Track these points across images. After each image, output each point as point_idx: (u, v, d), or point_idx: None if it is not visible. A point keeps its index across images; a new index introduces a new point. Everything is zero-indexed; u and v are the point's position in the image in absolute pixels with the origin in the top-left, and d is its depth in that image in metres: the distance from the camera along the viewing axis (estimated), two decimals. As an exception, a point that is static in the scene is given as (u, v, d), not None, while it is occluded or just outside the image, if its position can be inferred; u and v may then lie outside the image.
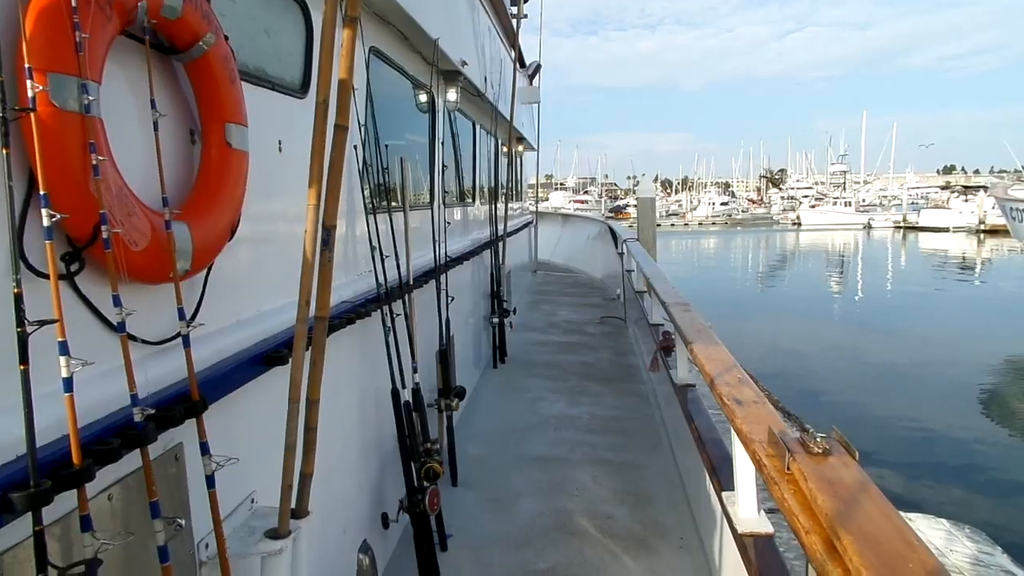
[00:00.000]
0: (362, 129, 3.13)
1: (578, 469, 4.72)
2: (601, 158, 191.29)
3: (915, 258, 39.32)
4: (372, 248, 3.10)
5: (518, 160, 11.96)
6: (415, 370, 3.55)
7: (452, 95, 5.23)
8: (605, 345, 8.16)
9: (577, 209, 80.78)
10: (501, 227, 7.51)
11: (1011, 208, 24.15)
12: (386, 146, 3.60)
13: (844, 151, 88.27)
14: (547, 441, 5.26)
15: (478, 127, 7.30)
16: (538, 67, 12.34)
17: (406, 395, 3.31)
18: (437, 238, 4.34)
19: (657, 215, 18.42)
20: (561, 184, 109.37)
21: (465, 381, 6.09)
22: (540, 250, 15.84)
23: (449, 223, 4.52)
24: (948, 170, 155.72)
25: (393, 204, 3.71)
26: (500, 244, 7.46)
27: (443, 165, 5.02)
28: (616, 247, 12.00)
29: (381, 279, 3.17)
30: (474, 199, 7.00)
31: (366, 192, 3.22)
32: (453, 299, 4.64)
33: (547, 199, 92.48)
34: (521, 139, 10.94)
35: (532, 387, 6.57)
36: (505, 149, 10.44)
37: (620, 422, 5.65)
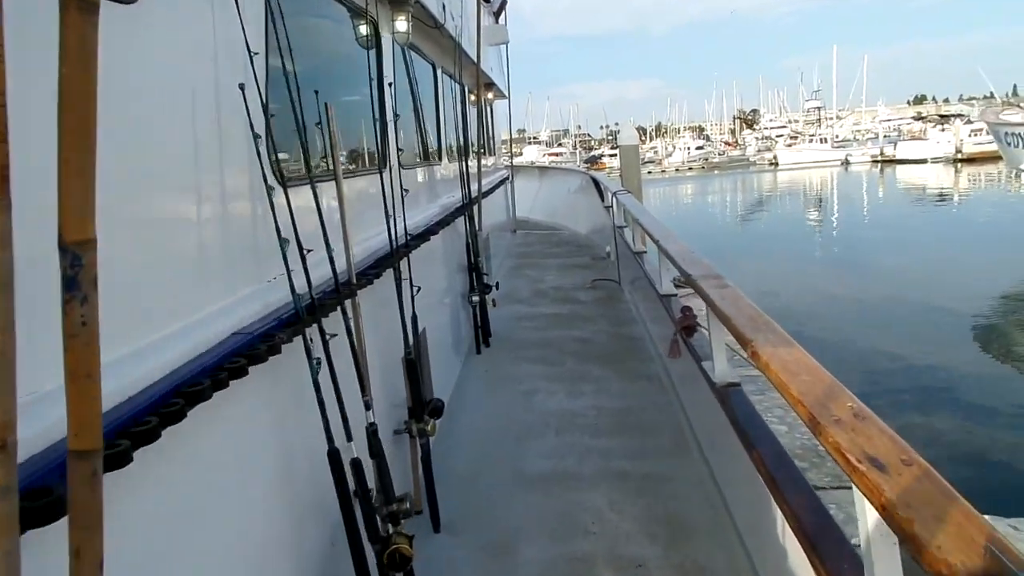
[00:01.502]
0: (256, 61, 2.04)
1: (591, 490, 3.75)
2: (573, 109, 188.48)
3: (894, 193, 38.72)
4: (282, 241, 2.04)
5: (488, 110, 10.78)
6: (367, 405, 2.52)
7: (402, 24, 4.09)
8: (601, 314, 7.17)
9: (552, 162, 79.60)
10: (475, 187, 6.42)
11: (1005, 133, 23.35)
12: (315, 91, 2.52)
13: (818, 87, 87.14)
14: (548, 450, 4.28)
15: (439, 70, 6.15)
16: (504, 2, 11.07)
17: (354, 448, 2.28)
18: (392, 211, 3.26)
19: (638, 163, 17.43)
20: (534, 138, 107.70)
21: (445, 375, 5.10)
22: (518, 207, 14.73)
23: (407, 190, 3.46)
24: (919, 100, 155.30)
25: (318, 171, 2.65)
26: (475, 208, 6.39)
27: (395, 114, 3.91)
28: (601, 199, 10.94)
29: (303, 285, 2.13)
30: (440, 157, 5.90)
31: (270, 158, 2.15)
32: (419, 289, 3.58)
33: (520, 154, 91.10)
34: (490, 85, 9.75)
35: (524, 375, 5.58)
36: (473, 97, 9.27)
37: (633, 416, 4.69)
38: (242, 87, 1.96)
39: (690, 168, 72.14)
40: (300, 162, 2.41)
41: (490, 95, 9.82)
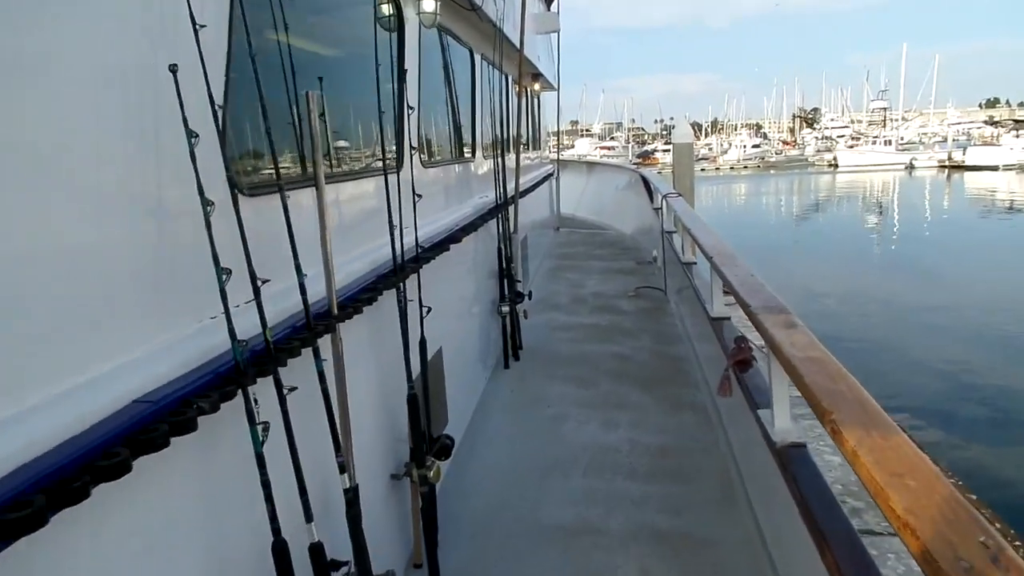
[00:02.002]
0: (205, 36, 1.57)
1: (619, 551, 3.22)
2: (627, 102, 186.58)
3: (961, 202, 36.63)
4: (220, 270, 1.56)
5: (535, 102, 10.23)
6: (342, 468, 2.03)
7: (429, 3, 3.59)
8: (644, 328, 6.60)
9: (603, 156, 78.42)
10: (511, 186, 5.91)
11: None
12: (322, 81, 2.06)
13: (884, 87, 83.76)
14: (573, 494, 3.76)
15: (478, 58, 5.65)
16: (556, -10, 10.49)
17: (314, 531, 1.80)
18: (400, 220, 2.77)
19: (692, 161, 16.65)
20: (587, 130, 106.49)
21: (465, 395, 4.62)
22: (563, 203, 14.17)
23: (420, 195, 2.97)
24: (991, 104, 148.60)
25: (294, 176, 2.18)
26: (511, 209, 5.88)
27: (408, 107, 3.40)
28: (651, 200, 10.32)
29: (251, 328, 1.65)
30: (474, 152, 5.40)
31: (226, 160, 1.69)
32: (430, 310, 3.10)
33: (572, 146, 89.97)
34: (537, 76, 9.20)
35: (554, 397, 5.07)
36: (517, 88, 8.75)
37: (673, 456, 4.14)
38: (174, 69, 1.48)
39: (745, 167, 70.22)
40: (270, 165, 1.94)
41: (536, 86, 9.28)
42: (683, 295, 6.60)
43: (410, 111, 3.45)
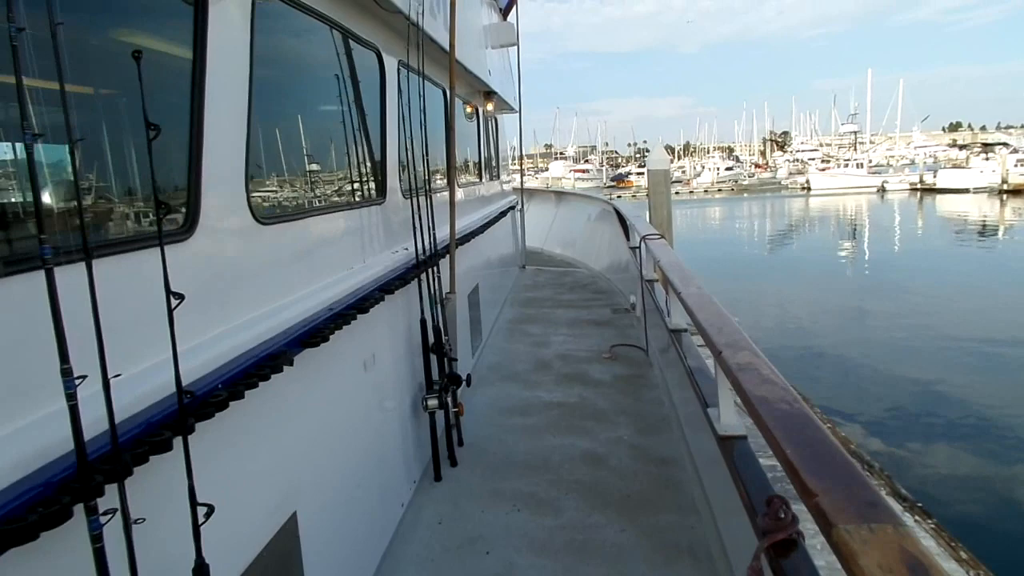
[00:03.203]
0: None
1: None
2: (601, 125, 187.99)
3: (934, 225, 36.01)
4: None
5: (488, 124, 8.85)
6: None
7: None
8: (623, 408, 5.17)
9: (578, 178, 77.65)
10: (441, 233, 4.48)
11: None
12: None
13: (854, 110, 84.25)
14: None
15: (391, 62, 4.26)
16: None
17: None
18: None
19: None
20: (561, 153, 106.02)
21: (363, 546, 3.15)
22: (530, 236, 12.79)
23: (270, 261, 1.55)
24: (954, 127, 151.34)
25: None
26: (436, 268, 4.38)
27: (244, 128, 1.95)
28: (626, 236, 8.98)
29: None
30: (384, 192, 3.94)
31: None
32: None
33: (547, 169, 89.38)
34: (490, 94, 7.85)
35: (496, 535, 3.59)
36: (468, 109, 7.38)
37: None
38: None
39: (719, 190, 69.81)
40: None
41: (490, 106, 7.90)
42: (668, 358, 5.23)
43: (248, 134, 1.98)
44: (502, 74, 9.01)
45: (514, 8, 9.36)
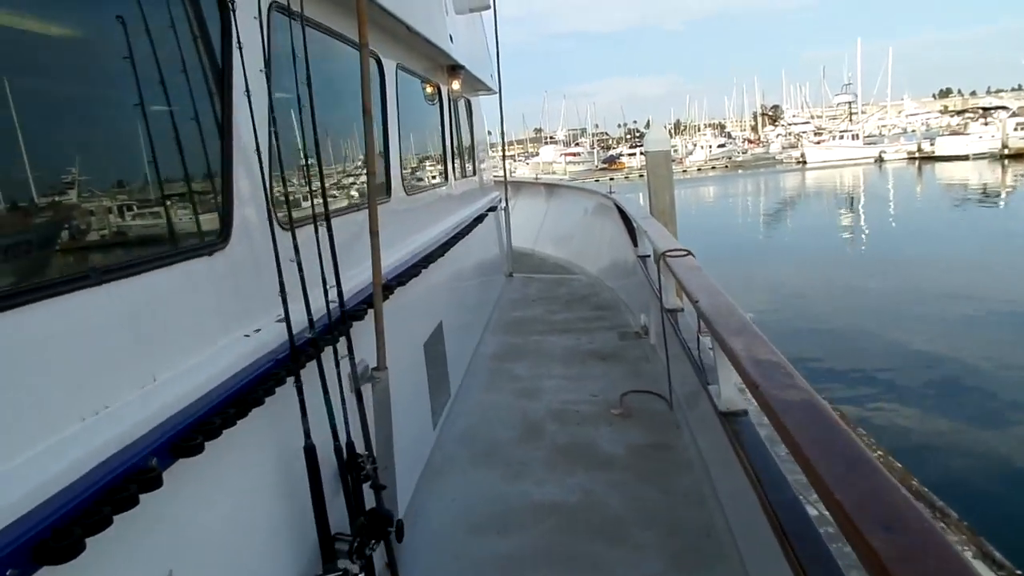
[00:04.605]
0: None
1: None
2: (590, 107, 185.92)
3: (936, 192, 34.64)
4: None
5: (458, 109, 7.16)
6: None
7: None
8: (647, 514, 3.56)
9: (569, 162, 75.77)
10: (358, 282, 2.85)
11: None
12: None
13: (848, 80, 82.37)
14: None
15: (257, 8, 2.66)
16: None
17: None
18: None
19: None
20: (551, 138, 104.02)
21: None
22: (518, 235, 11.16)
23: None
24: (944, 94, 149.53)
25: None
26: (348, 338, 2.69)
27: None
28: (631, 239, 7.38)
29: None
30: (227, 235, 2.29)
31: None
32: None
33: (537, 154, 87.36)
34: (456, 70, 6.18)
35: None
36: (429, 89, 5.78)
37: None
38: None
39: (713, 167, 68.12)
40: None
41: (456, 84, 6.23)
42: (701, 415, 3.70)
43: None
44: (474, 47, 7.35)
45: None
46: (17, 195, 1.43)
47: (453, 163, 6.44)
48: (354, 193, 3.43)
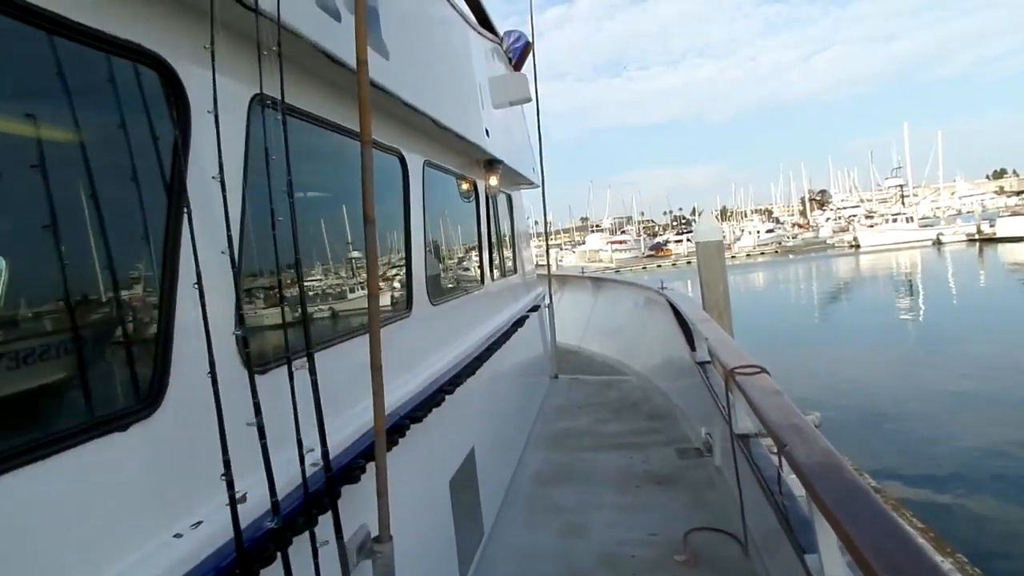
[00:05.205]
0: None
1: None
2: (635, 195, 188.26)
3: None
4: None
5: (497, 205, 6.71)
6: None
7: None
8: None
9: (616, 250, 75.71)
10: (355, 428, 2.28)
11: None
12: None
13: (898, 163, 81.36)
14: None
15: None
16: (527, 45, 7.25)
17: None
18: None
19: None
20: (597, 226, 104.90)
21: None
22: (564, 331, 10.54)
23: None
24: (998, 174, 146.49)
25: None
26: (335, 505, 2.08)
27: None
28: (690, 344, 6.67)
29: None
30: (155, 387, 1.77)
31: None
32: None
33: (584, 243, 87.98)
34: (494, 164, 5.77)
35: None
36: (465, 186, 5.38)
37: None
38: None
39: (762, 253, 66.99)
40: None
41: (493, 179, 5.79)
42: (784, 559, 2.96)
43: None
44: (514, 140, 7.00)
45: (530, 57, 7.43)
46: None
47: (491, 263, 5.95)
48: (355, 317, 2.88)
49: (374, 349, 2.22)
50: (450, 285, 4.79)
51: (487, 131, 5.18)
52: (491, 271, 5.92)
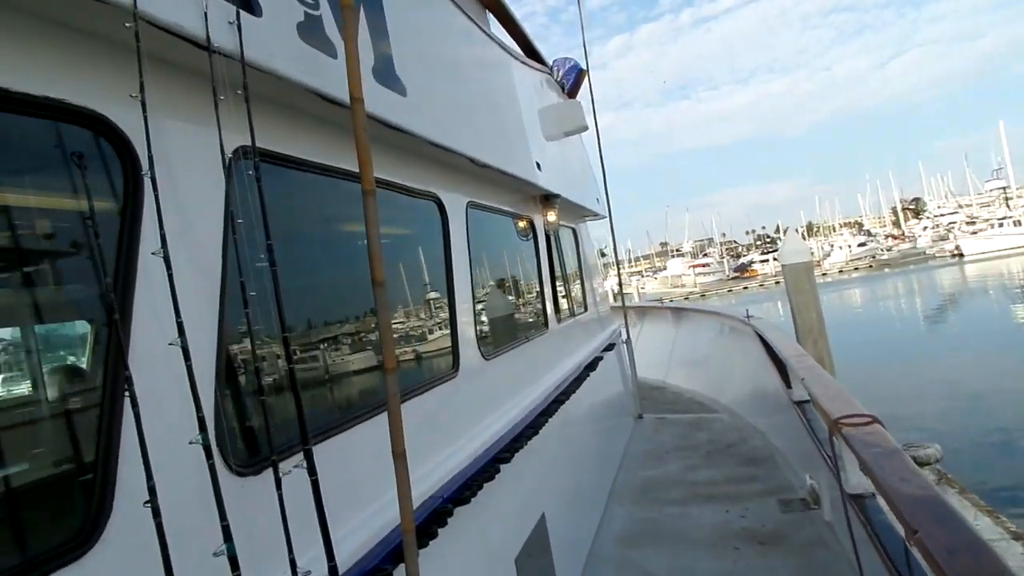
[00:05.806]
0: None
1: None
2: (715, 217, 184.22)
3: None
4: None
5: (559, 242, 6.31)
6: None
7: None
8: None
9: (698, 273, 73.76)
10: (376, 527, 1.95)
11: None
12: None
13: (998, 165, 76.30)
14: None
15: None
16: (580, 71, 6.91)
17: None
18: None
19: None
20: (677, 250, 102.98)
21: None
22: (646, 366, 9.97)
23: None
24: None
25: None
26: None
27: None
28: (785, 382, 6.03)
29: None
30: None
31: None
32: None
33: (665, 268, 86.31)
34: (551, 199, 5.40)
35: None
36: (522, 224, 5.05)
37: None
38: None
39: (856, 268, 63.69)
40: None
41: (551, 216, 5.42)
42: None
43: None
44: (572, 172, 6.63)
45: (585, 82, 7.09)
46: None
47: (555, 305, 5.55)
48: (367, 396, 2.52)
49: (395, 434, 1.86)
50: (507, 335, 4.40)
51: (538, 164, 4.83)
52: (556, 313, 5.51)
